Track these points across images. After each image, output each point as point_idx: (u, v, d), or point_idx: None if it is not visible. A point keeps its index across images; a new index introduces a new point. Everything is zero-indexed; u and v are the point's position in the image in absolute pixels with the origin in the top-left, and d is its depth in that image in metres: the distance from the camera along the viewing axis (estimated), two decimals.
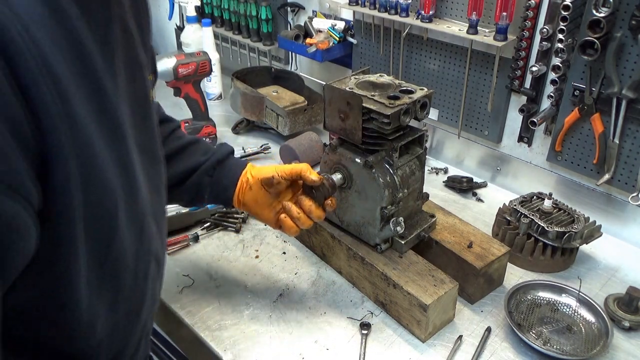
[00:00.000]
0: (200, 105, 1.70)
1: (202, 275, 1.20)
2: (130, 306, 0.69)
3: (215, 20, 2.17)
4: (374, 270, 1.10)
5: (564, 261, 1.22)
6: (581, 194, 1.39)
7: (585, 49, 1.21)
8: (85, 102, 0.51)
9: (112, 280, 0.62)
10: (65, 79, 0.49)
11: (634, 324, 1.06)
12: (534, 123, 1.38)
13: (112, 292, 0.63)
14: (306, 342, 1.04)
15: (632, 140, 1.26)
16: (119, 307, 0.65)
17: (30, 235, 0.49)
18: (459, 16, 1.48)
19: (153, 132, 0.72)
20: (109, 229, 0.58)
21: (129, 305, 0.68)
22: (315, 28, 1.81)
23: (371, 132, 1.04)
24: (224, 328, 1.07)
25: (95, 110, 0.53)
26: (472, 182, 1.54)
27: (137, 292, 0.69)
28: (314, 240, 1.26)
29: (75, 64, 0.50)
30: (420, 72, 1.65)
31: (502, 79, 1.46)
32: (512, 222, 1.26)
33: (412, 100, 1.04)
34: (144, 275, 0.70)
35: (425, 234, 1.16)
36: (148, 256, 0.69)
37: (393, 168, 1.07)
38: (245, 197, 1.06)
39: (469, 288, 1.12)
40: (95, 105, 0.53)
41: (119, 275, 0.63)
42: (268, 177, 1.03)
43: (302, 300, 1.14)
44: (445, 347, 1.04)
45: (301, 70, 2.06)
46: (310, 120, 1.73)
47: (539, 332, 1.05)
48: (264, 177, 1.03)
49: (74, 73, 0.50)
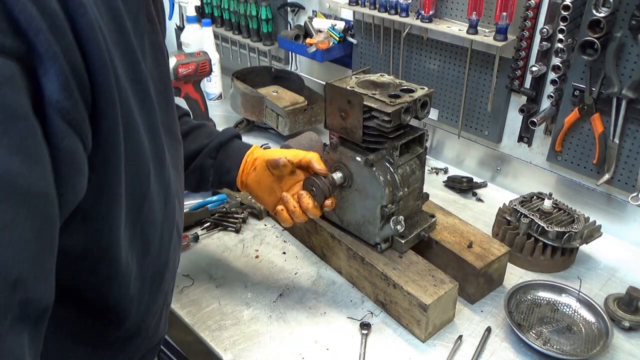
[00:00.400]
0: (200, 105, 1.70)
1: (202, 275, 1.20)
2: (156, 269, 0.72)
3: (215, 20, 2.17)
4: (374, 270, 1.09)
5: (564, 261, 1.22)
6: (581, 194, 1.39)
7: (585, 49, 1.21)
8: (124, 69, 0.56)
9: (142, 238, 0.66)
10: (110, 41, 0.53)
11: (634, 324, 1.06)
12: (534, 123, 1.38)
13: (142, 250, 0.67)
14: (306, 342, 1.04)
15: (632, 140, 1.26)
16: (146, 267, 0.69)
17: (84, 174, 0.51)
18: (459, 16, 1.48)
19: (174, 114, 0.77)
20: (142, 188, 0.63)
21: (155, 267, 0.72)
22: (315, 28, 1.81)
23: (372, 131, 1.04)
24: (224, 328, 1.07)
25: (131, 80, 0.58)
26: (472, 182, 1.54)
27: (161, 257, 0.73)
28: (314, 240, 1.26)
29: (116, 34, 0.55)
30: (420, 72, 1.65)
31: (502, 79, 1.46)
32: (512, 222, 1.26)
33: (412, 98, 1.04)
34: (168, 243, 0.74)
35: (425, 233, 1.16)
36: (172, 225, 0.74)
37: (393, 166, 1.07)
38: (249, 178, 1.07)
39: (469, 288, 1.12)
40: (132, 75, 0.58)
41: (147, 235, 0.67)
42: (275, 158, 1.04)
43: (302, 300, 1.14)
44: (445, 347, 1.04)
45: (301, 70, 2.06)
46: (310, 120, 1.73)
47: (539, 332, 1.05)
48: (270, 158, 1.05)
49: (115, 41, 0.54)
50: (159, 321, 0.80)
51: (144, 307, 0.72)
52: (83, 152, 0.50)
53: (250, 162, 1.07)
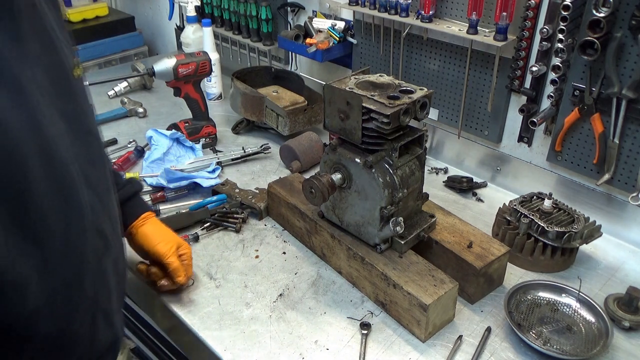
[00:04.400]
0: (200, 105, 1.70)
1: (202, 275, 1.21)
2: (66, 277, 0.68)
3: (215, 20, 2.17)
4: (374, 270, 1.10)
5: (564, 261, 1.22)
6: (581, 194, 1.39)
7: (585, 49, 1.21)
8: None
9: (37, 245, 0.62)
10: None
11: (634, 324, 1.06)
12: (534, 123, 1.38)
13: (41, 258, 0.62)
14: (306, 342, 1.04)
15: (632, 140, 1.26)
16: (51, 275, 0.64)
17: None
18: (459, 16, 1.48)
19: (80, 104, 0.73)
20: (20, 188, 0.58)
21: (64, 275, 0.67)
22: (315, 28, 1.81)
23: (371, 132, 1.04)
24: (224, 328, 1.07)
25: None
26: (472, 182, 1.54)
27: (72, 261, 0.68)
28: (314, 240, 1.26)
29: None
30: (420, 72, 1.65)
31: (502, 79, 1.46)
32: (512, 222, 1.26)
33: (411, 100, 1.04)
34: (80, 247, 0.69)
35: (425, 234, 1.16)
36: (81, 227, 0.69)
37: (393, 168, 1.07)
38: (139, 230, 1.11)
39: (469, 288, 1.12)
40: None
41: (43, 241, 0.62)
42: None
43: (302, 300, 1.14)
44: (445, 347, 1.04)
45: (301, 70, 2.06)
46: (310, 120, 1.73)
47: (539, 332, 1.05)
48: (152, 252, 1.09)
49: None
50: (93, 328, 0.75)
51: (61, 316, 0.68)
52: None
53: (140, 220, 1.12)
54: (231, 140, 1.79)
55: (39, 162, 0.59)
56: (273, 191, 1.35)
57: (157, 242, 1.09)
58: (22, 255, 0.59)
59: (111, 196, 0.81)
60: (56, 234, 0.64)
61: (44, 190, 0.61)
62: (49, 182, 0.61)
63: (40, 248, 0.62)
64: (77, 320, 0.72)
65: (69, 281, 0.68)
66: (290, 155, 1.59)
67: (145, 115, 1.94)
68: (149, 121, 1.91)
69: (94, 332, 0.76)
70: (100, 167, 0.77)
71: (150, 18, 2.70)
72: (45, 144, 0.61)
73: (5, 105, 0.56)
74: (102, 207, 0.75)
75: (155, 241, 1.09)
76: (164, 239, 1.10)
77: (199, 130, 1.70)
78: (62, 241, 0.65)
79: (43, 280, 0.63)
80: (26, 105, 0.58)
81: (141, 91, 2.15)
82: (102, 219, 0.75)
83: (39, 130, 0.60)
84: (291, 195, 1.32)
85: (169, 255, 1.08)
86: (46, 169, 0.61)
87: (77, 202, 0.67)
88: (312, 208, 1.26)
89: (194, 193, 1.49)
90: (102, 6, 2.58)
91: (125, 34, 2.58)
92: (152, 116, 1.94)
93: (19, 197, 0.58)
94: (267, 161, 1.67)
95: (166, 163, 1.59)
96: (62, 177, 0.64)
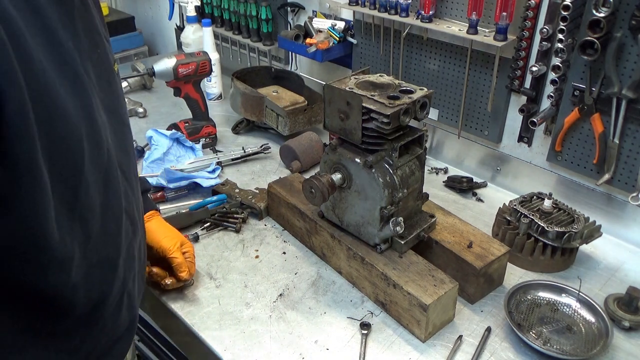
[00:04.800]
0: (200, 105, 1.70)
1: (202, 275, 1.21)
2: (103, 256, 0.72)
3: (215, 20, 2.17)
4: (374, 270, 1.10)
5: (564, 261, 1.22)
6: (581, 194, 1.39)
7: (585, 49, 1.21)
8: (42, 49, 0.56)
9: (82, 225, 0.66)
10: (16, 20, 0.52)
11: (634, 324, 1.06)
12: (534, 123, 1.38)
13: (84, 237, 0.66)
14: (306, 342, 1.04)
15: (632, 140, 1.26)
16: (91, 254, 0.69)
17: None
18: (459, 16, 1.48)
19: (119, 97, 0.78)
20: (74, 170, 0.62)
21: (102, 254, 0.71)
22: (315, 28, 1.81)
23: (371, 132, 1.04)
24: (224, 328, 1.07)
25: (55, 61, 0.58)
26: (472, 182, 1.54)
27: (108, 244, 0.72)
28: (314, 240, 1.26)
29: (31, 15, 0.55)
30: (420, 72, 1.65)
31: (502, 79, 1.46)
32: (512, 222, 1.26)
33: (411, 100, 1.04)
34: (116, 229, 0.74)
35: (425, 234, 1.16)
36: (118, 211, 0.74)
37: (393, 168, 1.07)
38: None
39: (469, 288, 1.12)
40: (57, 56, 0.59)
41: (87, 221, 0.67)
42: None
43: (302, 300, 1.14)
44: (445, 347, 1.04)
45: (301, 70, 2.06)
46: (310, 120, 1.73)
47: (539, 332, 1.05)
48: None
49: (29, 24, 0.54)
50: (119, 308, 0.79)
51: (96, 293, 0.72)
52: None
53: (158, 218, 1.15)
54: (231, 140, 1.79)
55: (89, 148, 0.64)
56: (273, 191, 1.36)
57: (161, 237, 1.11)
58: (69, 233, 0.63)
59: (138, 184, 0.86)
60: (97, 216, 0.68)
61: (92, 173, 0.65)
62: (95, 168, 0.66)
63: (84, 227, 0.66)
64: (109, 299, 0.76)
65: (105, 261, 0.73)
66: (290, 155, 1.59)
67: (145, 115, 1.94)
68: (149, 121, 1.91)
69: (119, 312, 0.80)
70: (132, 156, 0.83)
71: (150, 18, 2.70)
72: (94, 132, 0.65)
73: (68, 93, 0.60)
74: (132, 194, 0.79)
75: (160, 237, 1.11)
76: (168, 235, 1.12)
77: (199, 130, 1.70)
78: (101, 223, 0.69)
79: (85, 257, 0.67)
80: (82, 95, 0.63)
81: (141, 91, 2.15)
82: (132, 205, 0.80)
83: (90, 119, 0.64)
84: (291, 195, 1.32)
85: (173, 250, 1.10)
86: (93, 155, 0.65)
87: (115, 187, 0.72)
88: (312, 208, 1.26)
89: (194, 193, 1.49)
90: (102, 6, 2.58)
91: (125, 33, 2.58)
92: (152, 116, 1.94)
93: (73, 178, 0.62)
94: (267, 161, 1.67)
95: (166, 163, 1.59)
96: (104, 164, 0.68)
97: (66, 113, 0.59)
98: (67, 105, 0.59)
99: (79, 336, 0.74)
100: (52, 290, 0.65)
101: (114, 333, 0.81)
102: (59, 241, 0.61)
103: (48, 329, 0.69)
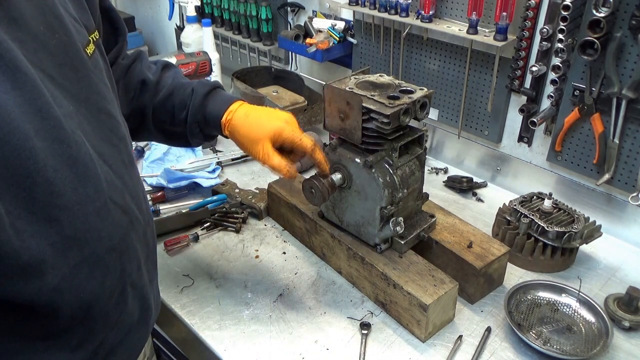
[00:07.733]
0: None
1: (202, 275, 1.21)
2: (88, 254, 0.68)
3: (215, 20, 2.17)
4: (374, 270, 1.10)
5: (564, 261, 1.22)
6: (581, 194, 1.39)
7: (585, 49, 1.21)
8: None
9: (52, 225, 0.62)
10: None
11: (634, 324, 1.06)
12: (534, 123, 1.38)
13: (57, 238, 0.63)
14: (306, 342, 1.04)
15: (632, 140, 1.26)
16: (70, 251, 0.65)
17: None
18: (459, 16, 1.48)
19: (92, 84, 0.73)
20: (26, 171, 0.58)
21: (85, 252, 0.67)
22: (315, 28, 1.81)
23: (371, 132, 1.04)
24: (224, 328, 1.07)
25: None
26: (472, 182, 1.54)
27: (92, 237, 0.68)
28: (314, 240, 1.26)
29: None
30: (420, 72, 1.65)
31: (502, 79, 1.46)
32: (512, 222, 1.26)
33: (411, 100, 1.04)
34: (101, 222, 0.69)
35: (425, 234, 1.16)
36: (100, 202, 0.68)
37: (393, 168, 1.07)
38: (237, 124, 1.09)
39: (469, 288, 1.12)
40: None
41: (59, 221, 0.62)
42: (294, 140, 1.03)
43: (302, 300, 1.14)
44: (445, 347, 1.04)
45: (301, 70, 2.06)
46: (310, 120, 1.73)
47: (539, 332, 1.05)
48: (288, 136, 1.03)
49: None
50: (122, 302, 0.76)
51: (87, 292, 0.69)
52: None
53: (242, 110, 1.09)
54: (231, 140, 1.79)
55: (44, 143, 0.59)
56: (273, 191, 1.36)
57: (246, 144, 1.07)
58: (33, 236, 0.60)
59: (131, 172, 0.80)
60: (72, 211, 0.64)
61: (53, 170, 0.61)
62: (59, 162, 0.62)
63: (55, 227, 0.62)
64: (104, 296, 0.72)
65: (90, 257, 0.68)
66: None
67: None
68: None
69: (123, 305, 0.77)
70: (119, 143, 0.77)
71: (150, 18, 2.70)
72: (49, 126, 0.61)
73: (5, 89, 0.56)
74: (121, 183, 0.75)
75: (246, 141, 1.07)
76: (251, 137, 1.07)
77: None
78: (79, 217, 0.65)
79: (62, 257, 0.64)
80: (25, 88, 0.59)
81: None
82: (122, 195, 0.74)
83: (40, 112, 0.60)
84: (291, 195, 1.32)
85: (258, 159, 1.05)
86: (54, 149, 0.61)
87: (92, 178, 0.67)
88: (312, 208, 1.26)
89: (194, 193, 1.49)
90: None
91: None
92: None
93: (26, 179, 0.58)
94: None
95: (166, 163, 1.59)
96: (72, 156, 0.64)
97: (3, 112, 0.55)
98: (3, 103, 0.55)
99: (78, 334, 0.72)
100: (27, 296, 0.62)
101: (123, 325, 0.78)
102: (20, 247, 0.58)
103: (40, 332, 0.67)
